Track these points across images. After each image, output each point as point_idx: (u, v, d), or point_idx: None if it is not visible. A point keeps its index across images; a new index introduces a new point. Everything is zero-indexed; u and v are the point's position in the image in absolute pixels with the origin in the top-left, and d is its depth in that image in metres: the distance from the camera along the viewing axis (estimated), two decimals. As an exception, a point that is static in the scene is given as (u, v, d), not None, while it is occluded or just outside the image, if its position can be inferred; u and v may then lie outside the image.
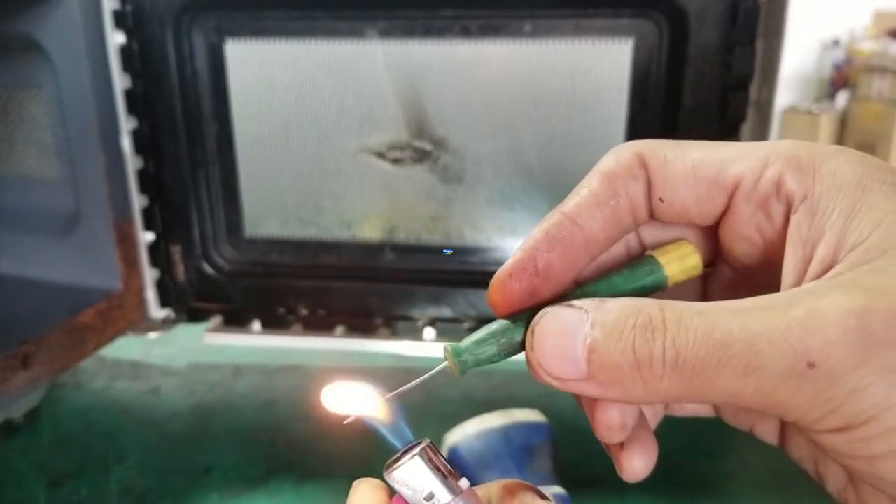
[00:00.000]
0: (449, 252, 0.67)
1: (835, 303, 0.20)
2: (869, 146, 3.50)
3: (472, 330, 0.68)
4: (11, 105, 0.67)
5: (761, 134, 0.59)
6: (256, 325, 0.69)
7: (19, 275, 0.68)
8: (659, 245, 0.27)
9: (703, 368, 0.21)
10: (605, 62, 0.59)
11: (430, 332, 0.67)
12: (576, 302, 0.24)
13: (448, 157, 0.64)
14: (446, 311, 0.66)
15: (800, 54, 3.75)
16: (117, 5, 0.62)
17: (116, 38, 0.63)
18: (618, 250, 0.28)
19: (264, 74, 0.64)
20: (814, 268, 0.23)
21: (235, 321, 0.69)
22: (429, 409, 0.72)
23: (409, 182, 0.65)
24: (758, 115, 0.59)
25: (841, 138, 3.66)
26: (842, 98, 3.65)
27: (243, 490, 0.61)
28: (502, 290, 0.27)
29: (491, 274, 0.70)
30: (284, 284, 0.68)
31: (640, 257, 0.27)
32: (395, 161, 0.65)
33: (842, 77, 3.76)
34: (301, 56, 0.63)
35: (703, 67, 0.57)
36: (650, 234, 0.28)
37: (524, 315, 0.26)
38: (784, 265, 0.24)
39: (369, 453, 0.65)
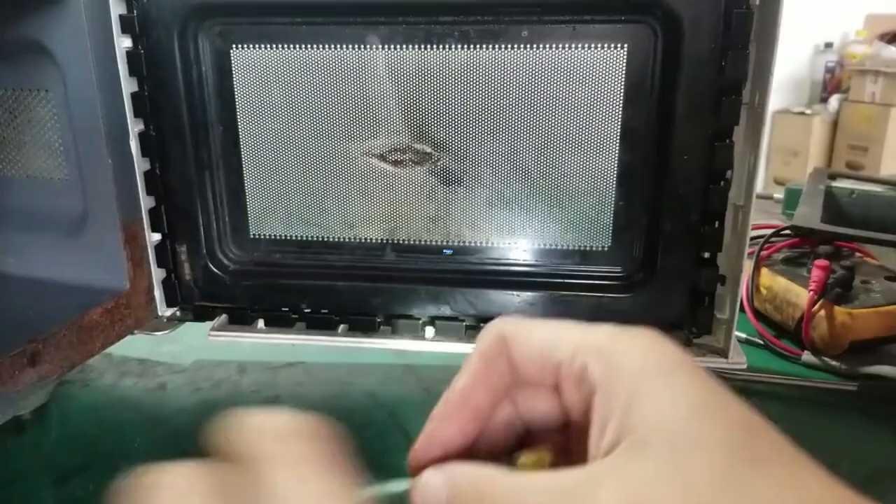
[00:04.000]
0: (449, 252, 0.68)
1: (616, 481, 0.24)
2: (861, 148, 3.52)
3: (471, 329, 0.70)
4: (19, 108, 0.68)
5: (755, 136, 0.59)
6: (261, 323, 0.70)
7: (28, 274, 0.69)
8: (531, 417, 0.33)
9: None
10: (600, 67, 0.60)
11: (430, 331, 0.69)
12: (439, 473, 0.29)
13: (448, 159, 0.65)
14: (446, 310, 0.68)
15: (793, 57, 3.78)
16: (124, 10, 0.63)
17: (123, 43, 0.64)
18: (500, 418, 0.33)
19: (269, 79, 0.65)
20: (604, 445, 0.26)
21: (240, 320, 0.70)
22: (429, 405, 0.73)
23: (409, 184, 0.67)
24: (751, 118, 0.60)
25: (833, 140, 3.68)
26: (834, 101, 3.67)
27: (248, 484, 0.62)
28: (412, 457, 0.33)
29: (490, 273, 0.72)
30: (288, 284, 0.69)
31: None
32: (396, 163, 0.66)
33: (834, 80, 3.78)
34: (304, 61, 0.64)
35: (697, 72, 0.58)
36: (522, 397, 0.32)
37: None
38: (589, 437, 0.27)
39: (368, 448, 0.66)
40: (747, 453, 0.23)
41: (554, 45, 0.60)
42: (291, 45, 0.63)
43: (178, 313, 0.72)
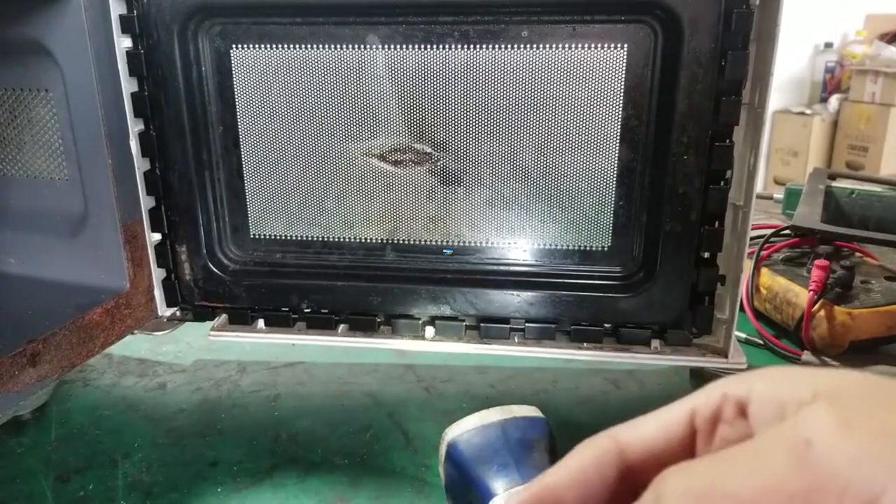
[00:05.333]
0: (449, 252, 0.68)
1: (819, 406, 0.23)
2: (861, 148, 3.52)
3: (471, 328, 0.69)
4: (20, 108, 0.68)
5: (755, 136, 0.60)
6: (261, 323, 0.70)
7: (28, 274, 0.69)
8: None
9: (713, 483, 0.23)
10: (600, 67, 0.60)
11: (430, 331, 0.69)
12: None
13: (448, 159, 0.65)
14: (446, 310, 0.68)
15: (793, 57, 3.78)
16: (124, 10, 0.63)
17: (123, 43, 0.64)
18: None
19: (269, 79, 0.65)
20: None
21: (240, 319, 0.70)
22: (429, 405, 0.73)
23: (409, 184, 0.67)
24: (751, 118, 0.60)
25: (833, 140, 3.68)
26: (834, 101, 3.67)
27: (248, 484, 0.62)
28: None
29: (490, 273, 0.72)
30: (288, 283, 0.69)
31: None
32: (397, 163, 0.66)
33: (834, 80, 3.78)
34: (305, 61, 0.64)
35: (697, 72, 0.58)
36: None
37: None
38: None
39: (368, 448, 0.66)
40: None
41: (554, 45, 0.60)
42: (291, 45, 0.63)
43: (178, 313, 0.72)
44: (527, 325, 0.67)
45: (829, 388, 0.24)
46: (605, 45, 0.60)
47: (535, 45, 0.60)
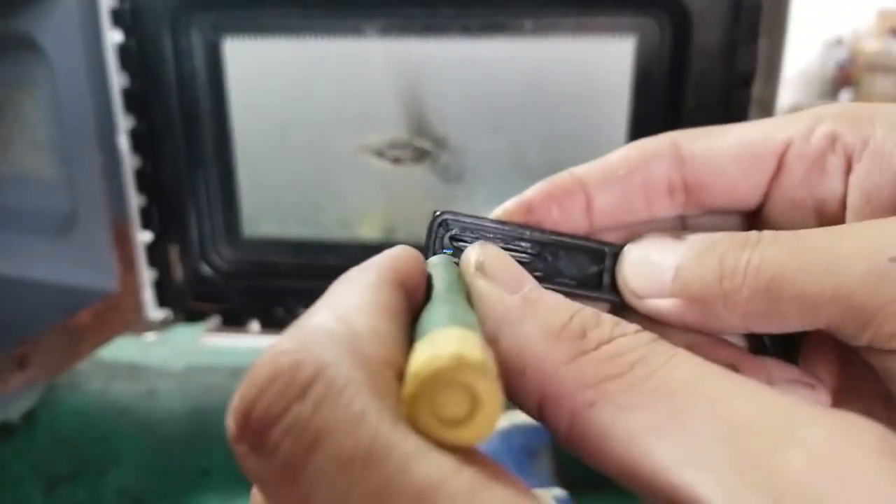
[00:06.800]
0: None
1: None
2: (872, 145, 3.50)
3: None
4: (7, 104, 0.67)
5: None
6: (255, 325, 0.69)
7: (15, 275, 0.68)
8: None
9: (784, 274, 0.20)
10: (606, 60, 0.59)
11: (429, 333, 0.67)
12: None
13: (448, 156, 0.64)
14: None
15: (803, 53, 3.76)
16: (115, 3, 0.62)
17: (114, 37, 0.62)
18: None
19: (262, 72, 0.63)
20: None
21: (234, 322, 0.69)
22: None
23: (408, 181, 0.65)
24: (760, 113, 0.59)
25: (843, 137, 3.66)
26: (844, 96, 3.65)
27: (241, 492, 0.61)
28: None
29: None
30: (283, 284, 0.68)
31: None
32: (395, 160, 0.65)
33: (845, 75, 3.76)
34: (299, 54, 0.62)
35: (706, 65, 0.56)
36: (698, 227, 0.27)
37: None
38: (850, 218, 0.23)
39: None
40: None
41: (558, 38, 0.59)
42: (286, 37, 0.62)
43: (169, 315, 0.70)
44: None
45: None
46: (612, 38, 0.58)
47: (538, 38, 0.59)
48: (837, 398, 0.24)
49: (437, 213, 0.25)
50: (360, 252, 0.67)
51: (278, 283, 0.68)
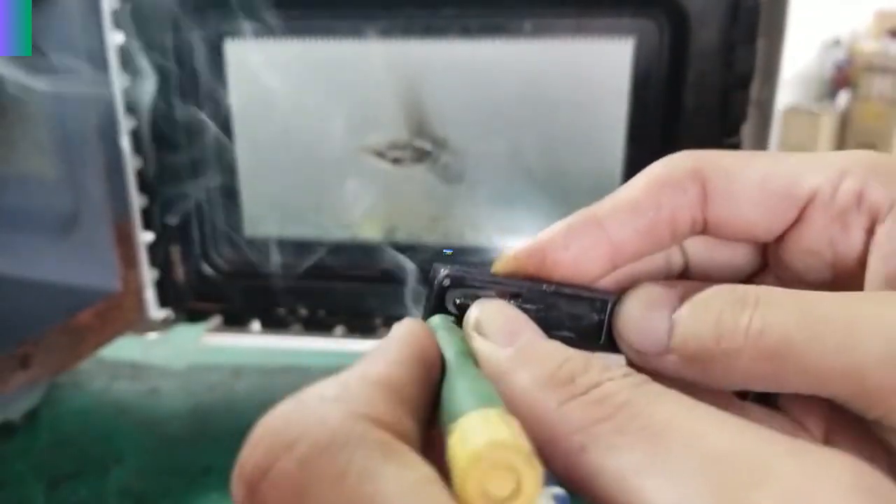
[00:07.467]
0: (449, 252, 0.67)
1: None
2: (869, 146, 3.50)
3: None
4: (9, 104, 0.67)
5: (762, 133, 0.59)
6: (256, 325, 0.69)
7: (18, 275, 0.68)
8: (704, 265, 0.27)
9: (790, 344, 0.20)
10: (605, 62, 0.59)
11: (430, 333, 0.67)
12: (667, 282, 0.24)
13: (448, 156, 0.64)
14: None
15: (801, 54, 3.76)
16: (116, 5, 0.62)
17: (115, 38, 0.62)
18: (656, 262, 0.27)
19: (263, 74, 0.63)
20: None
21: (235, 321, 0.69)
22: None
23: (408, 182, 0.65)
24: (758, 114, 0.59)
25: (842, 138, 3.66)
26: (842, 98, 3.65)
27: (242, 491, 0.61)
28: (506, 264, 0.25)
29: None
30: (284, 284, 0.68)
31: None
32: (395, 161, 0.65)
33: (843, 76, 3.76)
34: (300, 55, 0.62)
35: (704, 67, 0.57)
36: (697, 247, 0.27)
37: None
38: (869, 278, 0.23)
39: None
40: None
41: (557, 39, 0.59)
42: (287, 39, 0.62)
43: (171, 315, 0.71)
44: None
45: None
46: (611, 39, 0.58)
47: (538, 39, 0.59)
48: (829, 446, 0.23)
49: (440, 270, 0.25)
50: (360, 252, 0.68)
51: (279, 282, 0.68)
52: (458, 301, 0.25)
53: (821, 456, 0.16)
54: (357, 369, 0.20)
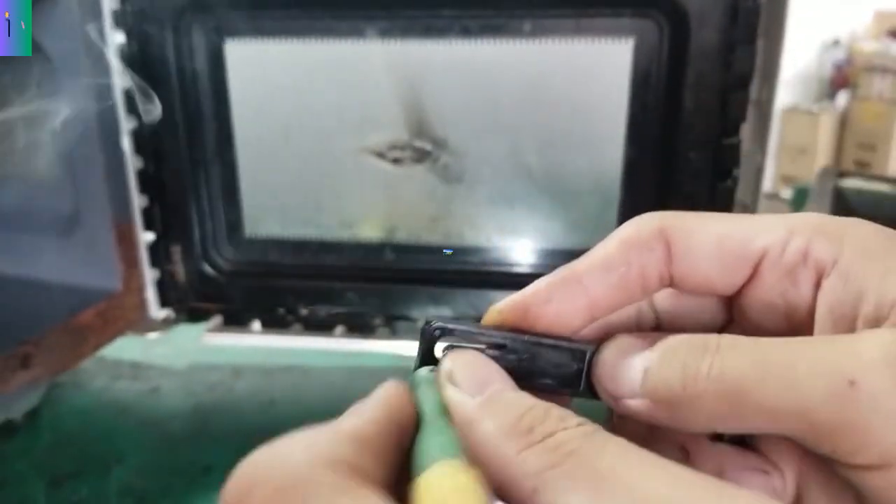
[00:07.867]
0: (449, 252, 0.67)
1: (880, 334, 0.21)
2: (869, 146, 3.50)
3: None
4: (10, 105, 0.67)
5: (762, 133, 0.59)
6: (256, 325, 0.69)
7: (19, 275, 0.68)
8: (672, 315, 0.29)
9: (744, 384, 0.21)
10: (605, 62, 0.59)
11: (430, 333, 0.67)
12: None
13: (448, 157, 0.64)
14: (446, 311, 0.66)
15: (800, 54, 3.76)
16: (117, 5, 0.62)
17: (116, 38, 0.62)
18: (628, 314, 0.29)
19: (264, 74, 0.64)
20: (860, 325, 0.23)
21: (235, 321, 0.69)
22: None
23: (409, 182, 0.65)
24: (758, 114, 0.59)
25: (841, 138, 3.66)
26: (842, 98, 3.66)
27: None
28: (492, 317, 0.28)
29: (492, 274, 0.70)
30: (284, 284, 0.68)
31: None
32: (396, 161, 0.65)
33: (842, 77, 3.76)
34: (301, 55, 0.62)
35: (704, 67, 0.57)
36: (665, 301, 0.29)
37: None
38: (818, 326, 0.25)
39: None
40: None
41: (557, 39, 0.59)
42: (287, 39, 0.62)
43: (172, 314, 0.71)
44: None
45: None
46: (610, 39, 0.59)
47: (538, 39, 0.59)
48: (802, 485, 0.25)
49: (432, 322, 0.27)
50: (360, 252, 0.68)
51: (279, 282, 0.68)
52: (445, 351, 0.26)
53: (745, 501, 0.18)
54: (331, 424, 0.22)
